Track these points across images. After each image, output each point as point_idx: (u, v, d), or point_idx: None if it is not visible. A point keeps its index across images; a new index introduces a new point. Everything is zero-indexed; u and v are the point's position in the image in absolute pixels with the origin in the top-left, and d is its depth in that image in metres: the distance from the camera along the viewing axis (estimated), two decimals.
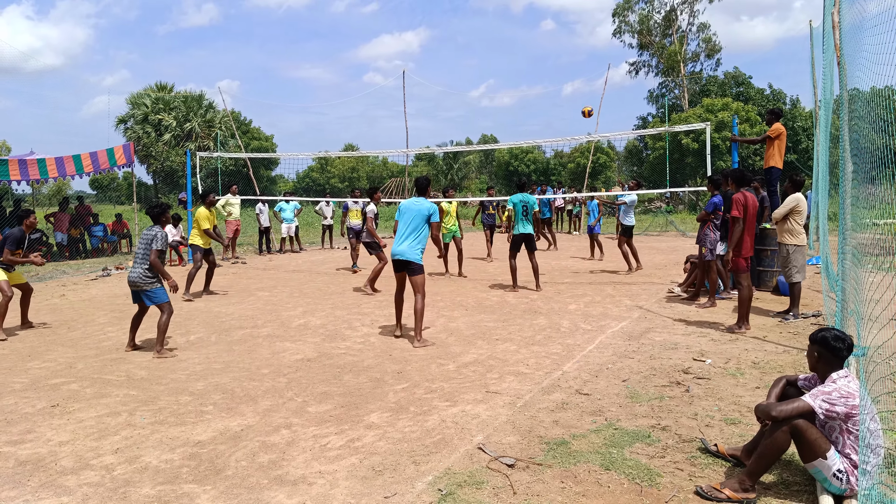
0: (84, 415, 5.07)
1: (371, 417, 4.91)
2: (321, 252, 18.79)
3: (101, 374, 6.24)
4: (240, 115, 56.11)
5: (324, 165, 64.83)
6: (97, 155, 17.44)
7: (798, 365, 6.01)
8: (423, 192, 7.49)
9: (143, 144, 43.89)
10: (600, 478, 3.80)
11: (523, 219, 10.55)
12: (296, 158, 29.57)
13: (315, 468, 4.03)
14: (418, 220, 7.19)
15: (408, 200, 7.41)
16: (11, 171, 15.81)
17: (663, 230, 24.97)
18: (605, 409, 5.00)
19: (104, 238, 18.86)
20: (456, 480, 3.79)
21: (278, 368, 6.33)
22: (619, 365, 6.22)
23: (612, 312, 8.82)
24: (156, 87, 48.35)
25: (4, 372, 6.36)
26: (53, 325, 8.65)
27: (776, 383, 3.98)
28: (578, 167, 44.82)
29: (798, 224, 8.21)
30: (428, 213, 7.20)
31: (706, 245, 9.29)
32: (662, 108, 41.05)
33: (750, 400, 5.05)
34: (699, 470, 3.90)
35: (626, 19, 45.69)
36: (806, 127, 35.83)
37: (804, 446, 3.46)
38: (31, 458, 4.26)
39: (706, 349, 6.73)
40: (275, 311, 9.41)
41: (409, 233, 7.21)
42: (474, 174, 61.79)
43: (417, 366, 6.34)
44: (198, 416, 5.01)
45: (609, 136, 22.34)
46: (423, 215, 7.19)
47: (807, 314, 8.23)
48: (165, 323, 6.92)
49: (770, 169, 10.54)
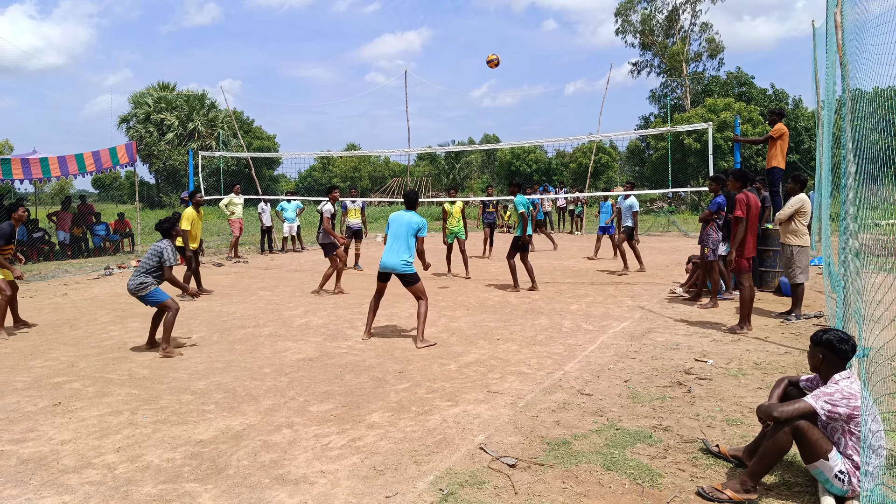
0: (86, 413, 5.08)
1: (372, 417, 4.92)
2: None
3: (103, 372, 6.25)
4: (242, 115, 56.19)
5: (325, 165, 64.86)
6: (100, 154, 17.46)
7: (800, 366, 6.00)
8: (412, 206, 7.61)
9: (146, 144, 43.92)
10: (602, 478, 3.80)
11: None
12: (298, 158, 29.60)
13: (316, 467, 4.03)
14: (407, 232, 7.30)
15: (396, 213, 7.53)
16: (14, 170, 15.83)
17: (665, 230, 24.95)
18: (606, 409, 4.99)
19: (106, 237, 18.89)
20: (457, 480, 3.79)
21: (280, 368, 6.34)
22: (620, 365, 6.22)
23: (614, 313, 8.81)
24: (158, 87, 48.39)
25: (7, 371, 6.37)
26: (55, 323, 8.66)
27: (778, 384, 3.98)
28: (580, 167, 44.85)
29: (802, 225, 8.19)
30: (416, 227, 7.32)
31: (708, 245, 9.28)
32: (665, 107, 41.09)
33: (752, 401, 5.04)
34: (701, 471, 3.90)
35: (628, 19, 45.68)
36: (808, 127, 35.80)
37: (806, 447, 3.46)
38: (33, 456, 4.27)
39: (708, 350, 6.73)
40: (277, 310, 9.42)
41: (397, 246, 7.31)
42: (476, 174, 61.76)
43: (419, 365, 6.34)
44: (199, 415, 5.02)
45: (611, 135, 22.36)
46: (412, 229, 7.31)
47: (809, 315, 8.21)
48: (171, 321, 6.95)
49: (772, 169, 10.52)
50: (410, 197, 7.71)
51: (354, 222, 14.15)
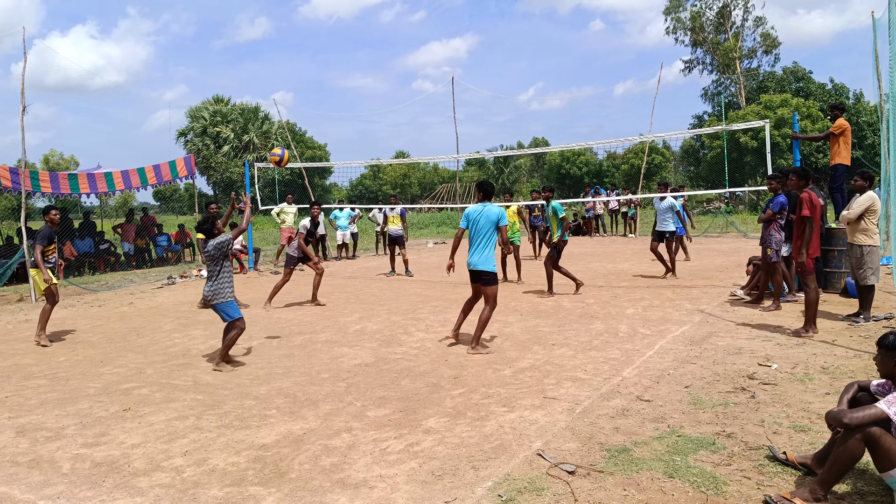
0: (154, 418, 5.26)
1: (429, 422, 4.94)
2: (375, 258, 19.00)
3: (170, 379, 6.47)
4: (295, 126, 57.36)
5: (376, 173, 65.61)
6: (160, 167, 18.14)
7: (870, 370, 5.76)
8: (488, 196, 7.32)
9: (203, 156, 45.34)
10: (664, 486, 3.72)
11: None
12: (349, 166, 29.96)
13: (376, 472, 4.08)
14: (488, 226, 7.11)
15: (473, 207, 7.29)
16: (81, 184, 16.60)
17: (724, 231, 24.32)
18: (667, 415, 4.89)
19: (168, 248, 19.56)
20: (516, 486, 3.77)
21: (337, 373, 6.44)
22: (680, 370, 6.09)
23: (673, 316, 8.63)
24: (213, 101, 49.90)
25: (79, 377, 6.66)
26: (123, 331, 9.01)
27: (847, 389, 3.83)
28: (632, 168, 44.14)
29: (873, 223, 7.85)
30: (496, 218, 7.09)
31: (771, 246, 8.99)
32: (718, 105, 40.06)
33: (819, 406, 4.87)
34: (767, 479, 3.78)
35: (678, 17, 44.82)
36: (871, 122, 34.43)
37: (879, 455, 3.32)
38: (106, 459, 4.45)
39: (772, 354, 6.52)
40: (332, 316, 9.57)
41: (480, 242, 7.14)
42: (526, 178, 61.48)
43: (473, 371, 6.35)
44: (261, 419, 5.14)
45: (663, 135, 21.85)
46: (492, 221, 7.10)
47: (879, 317, 7.88)
48: (232, 339, 6.81)
49: (836, 166, 10.16)
50: (487, 188, 7.39)
51: (395, 229, 14.29)
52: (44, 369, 7.05)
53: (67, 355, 7.69)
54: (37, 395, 6.06)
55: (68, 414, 5.45)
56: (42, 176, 15.96)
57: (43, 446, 4.74)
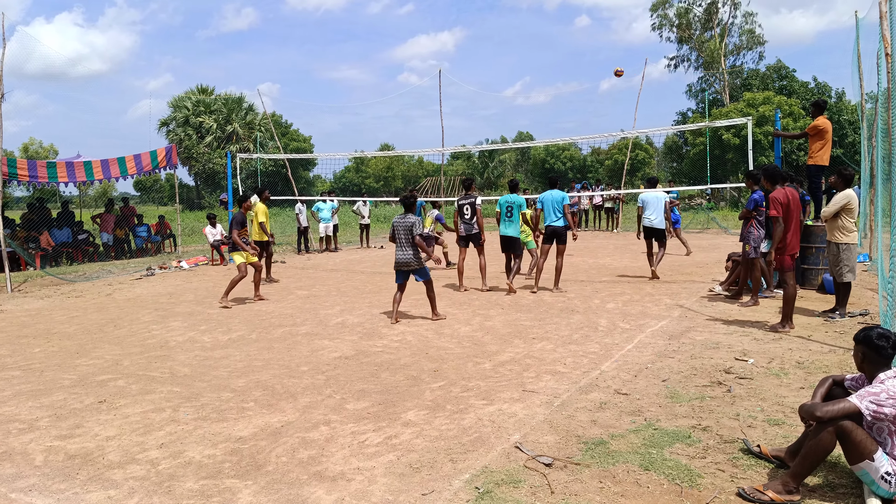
0: (130, 410, 5.21)
1: (408, 415, 4.94)
2: (358, 251, 18.95)
3: (146, 371, 6.41)
4: (280, 118, 56.95)
5: (359, 166, 65.41)
6: (140, 157, 17.92)
7: (844, 365, 5.84)
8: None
9: (185, 147, 44.88)
10: (639, 478, 3.75)
11: (507, 219, 10.71)
12: (333, 159, 29.86)
13: (354, 464, 4.07)
14: (558, 206, 10.16)
15: (546, 193, 10.36)
16: (59, 173, 16.36)
17: (705, 227, 24.52)
18: (644, 408, 4.93)
19: (148, 238, 19.35)
20: (493, 479, 3.79)
21: (317, 366, 6.41)
22: (658, 364, 6.14)
23: (652, 311, 8.70)
24: (197, 91, 49.42)
25: (54, 368, 6.57)
26: (100, 322, 8.90)
27: (822, 383, 3.88)
28: (616, 164, 44.36)
29: (850, 221, 7.94)
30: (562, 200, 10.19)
31: (750, 242, 9.08)
32: (702, 102, 40.32)
33: (794, 400, 4.93)
34: (741, 471, 3.82)
35: (664, 14, 44.97)
36: (852, 120, 34.83)
37: (850, 448, 3.37)
38: (80, 452, 4.40)
39: (749, 348, 6.59)
40: (313, 309, 9.53)
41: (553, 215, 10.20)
42: (510, 172, 61.59)
43: (454, 364, 6.35)
44: (239, 412, 5.11)
45: (647, 131, 21.93)
46: (559, 202, 10.18)
47: (854, 313, 7.99)
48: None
49: (810, 167, 10.26)
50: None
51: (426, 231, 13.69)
52: (18, 360, 6.95)
53: (43, 346, 7.59)
54: (10, 386, 5.98)
55: (42, 406, 5.38)
56: (20, 164, 15.71)
57: (16, 438, 4.67)
